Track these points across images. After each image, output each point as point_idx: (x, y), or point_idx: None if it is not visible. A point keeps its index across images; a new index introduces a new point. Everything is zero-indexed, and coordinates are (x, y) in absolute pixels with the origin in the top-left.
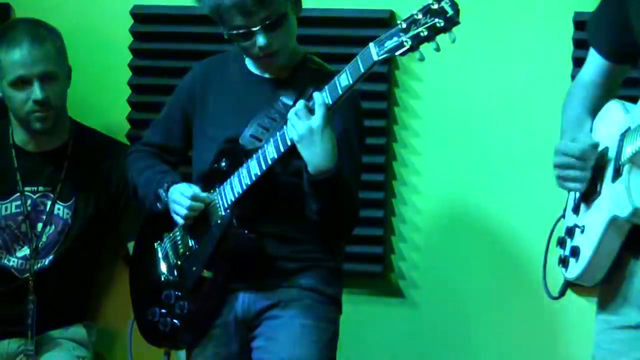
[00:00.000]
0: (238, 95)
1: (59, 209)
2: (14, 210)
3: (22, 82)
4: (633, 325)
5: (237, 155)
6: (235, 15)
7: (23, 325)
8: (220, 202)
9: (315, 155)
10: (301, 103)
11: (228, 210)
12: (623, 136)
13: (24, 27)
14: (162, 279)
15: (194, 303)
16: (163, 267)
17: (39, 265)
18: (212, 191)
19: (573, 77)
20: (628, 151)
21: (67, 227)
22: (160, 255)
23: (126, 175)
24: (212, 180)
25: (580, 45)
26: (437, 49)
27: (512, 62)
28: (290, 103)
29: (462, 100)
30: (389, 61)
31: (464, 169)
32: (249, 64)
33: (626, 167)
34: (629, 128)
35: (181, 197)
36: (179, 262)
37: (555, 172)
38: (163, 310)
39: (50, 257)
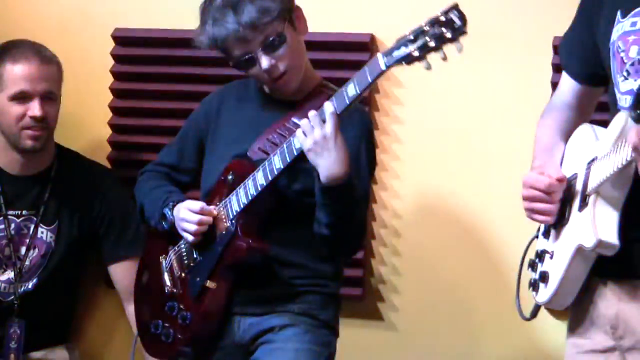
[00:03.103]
0: (251, 116)
1: (42, 232)
2: None
3: (23, 97)
4: (600, 350)
5: (244, 168)
6: (234, 46)
7: (6, 348)
8: (226, 214)
9: (329, 163)
10: (313, 113)
11: (233, 222)
12: (590, 165)
13: (31, 46)
14: (167, 291)
15: (197, 315)
16: (167, 280)
17: (22, 289)
18: (218, 204)
19: None
20: (594, 182)
21: (51, 250)
22: (165, 268)
23: (109, 199)
24: (219, 193)
25: (559, 69)
26: (444, 59)
27: (492, 86)
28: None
29: (442, 124)
30: None
31: (444, 190)
32: (266, 87)
33: (592, 198)
34: (596, 157)
35: (189, 213)
36: (184, 275)
37: (523, 205)
38: (166, 323)
39: (34, 280)
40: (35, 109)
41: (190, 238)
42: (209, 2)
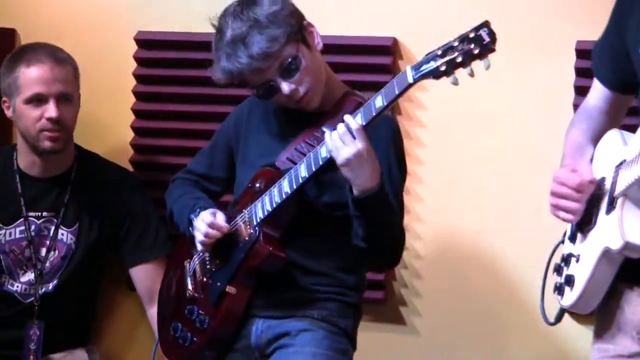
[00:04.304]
0: (280, 126)
1: (62, 234)
2: (17, 235)
3: (38, 100)
4: (627, 355)
5: (271, 176)
6: (251, 77)
7: (25, 349)
8: (250, 220)
9: (362, 176)
10: (342, 127)
11: (256, 228)
12: (618, 168)
13: (45, 48)
14: (188, 295)
15: (215, 319)
16: (189, 283)
17: (42, 290)
18: (243, 210)
19: (575, 105)
20: (622, 184)
21: (71, 252)
22: (188, 272)
23: (130, 201)
24: (245, 200)
25: (582, 73)
26: (471, 75)
27: (514, 90)
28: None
29: (464, 128)
30: None
31: (466, 194)
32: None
33: (619, 200)
34: (624, 160)
35: (201, 223)
36: (205, 279)
37: (550, 200)
38: (185, 326)
39: (54, 282)
40: (50, 110)
41: (199, 247)
42: (219, 38)
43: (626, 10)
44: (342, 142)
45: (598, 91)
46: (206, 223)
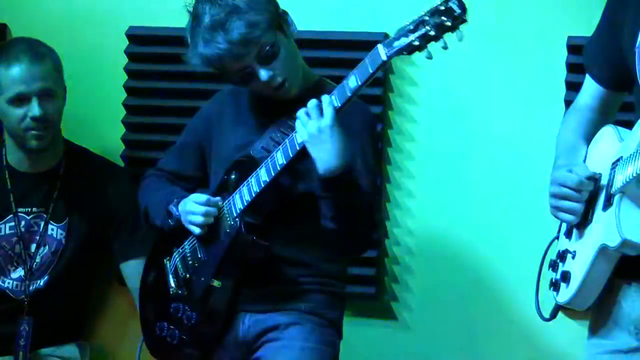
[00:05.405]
0: (255, 117)
1: (52, 229)
2: (7, 231)
3: (20, 99)
4: (624, 350)
5: (247, 166)
6: (229, 63)
7: (15, 344)
8: (230, 212)
9: (325, 153)
10: (313, 102)
11: (237, 219)
12: (615, 165)
13: (23, 45)
14: (171, 293)
15: (202, 315)
16: (172, 281)
17: (33, 287)
18: (221, 203)
19: (566, 100)
20: (619, 181)
21: (61, 247)
22: (168, 270)
23: (120, 196)
24: (222, 192)
25: (574, 69)
26: (445, 47)
27: (505, 86)
28: None
29: (455, 123)
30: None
31: (457, 189)
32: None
33: (617, 197)
34: (621, 157)
35: (195, 205)
36: (188, 275)
37: (549, 202)
38: (171, 325)
39: (45, 277)
40: (34, 109)
41: (197, 230)
42: (195, 23)
43: (619, 7)
44: (307, 116)
45: (590, 89)
46: (202, 202)
